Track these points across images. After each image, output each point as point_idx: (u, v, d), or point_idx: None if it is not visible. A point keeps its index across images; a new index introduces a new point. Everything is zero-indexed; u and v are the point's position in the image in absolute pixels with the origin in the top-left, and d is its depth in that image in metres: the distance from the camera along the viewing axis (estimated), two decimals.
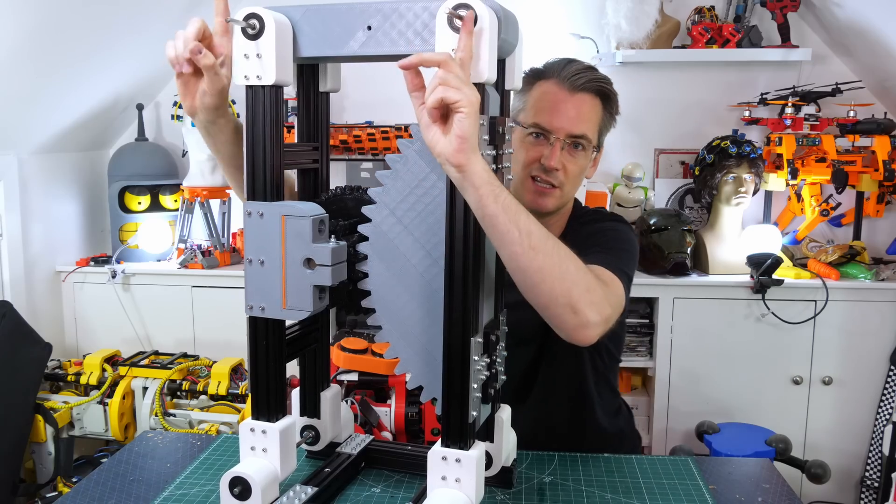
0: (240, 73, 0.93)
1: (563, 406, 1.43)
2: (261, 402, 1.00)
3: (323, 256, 0.92)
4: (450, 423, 0.93)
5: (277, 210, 0.93)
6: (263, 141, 0.94)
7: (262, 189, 0.95)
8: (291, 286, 0.93)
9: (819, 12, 2.59)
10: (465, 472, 0.91)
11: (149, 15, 2.48)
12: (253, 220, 0.94)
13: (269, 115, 0.93)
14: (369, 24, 0.91)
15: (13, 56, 2.16)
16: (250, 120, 0.94)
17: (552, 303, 0.95)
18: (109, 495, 1.16)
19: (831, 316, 2.40)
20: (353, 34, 0.92)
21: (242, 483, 0.97)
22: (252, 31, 0.90)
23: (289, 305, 0.94)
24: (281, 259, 0.93)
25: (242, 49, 0.92)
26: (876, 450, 2.45)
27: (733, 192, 2.52)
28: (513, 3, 0.96)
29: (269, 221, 0.93)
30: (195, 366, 2.42)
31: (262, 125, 0.94)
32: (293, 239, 0.92)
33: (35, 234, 2.62)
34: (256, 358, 1.00)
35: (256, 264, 0.95)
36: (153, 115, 3.02)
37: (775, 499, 1.15)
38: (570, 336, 1.00)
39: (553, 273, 0.93)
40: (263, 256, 0.94)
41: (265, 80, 0.92)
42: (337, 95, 3.00)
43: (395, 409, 2.26)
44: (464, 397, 0.91)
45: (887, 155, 2.36)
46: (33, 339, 2.38)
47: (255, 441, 1.00)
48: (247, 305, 0.97)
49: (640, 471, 1.23)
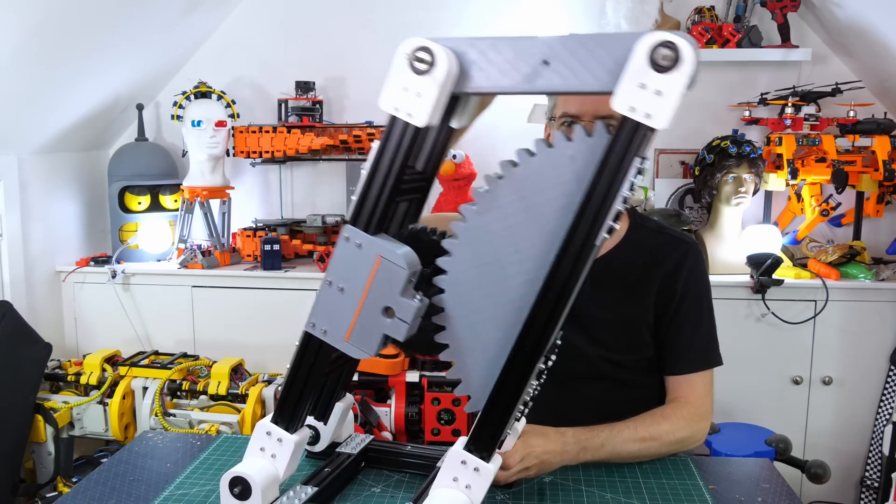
0: (391, 102, 0.87)
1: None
2: (286, 410, 1.01)
3: (406, 312, 0.88)
4: (482, 432, 0.92)
5: (376, 248, 0.89)
6: (387, 173, 0.90)
7: (367, 219, 0.91)
8: (361, 325, 0.91)
9: (819, 12, 2.59)
10: (480, 481, 0.92)
11: (149, 15, 2.48)
12: (348, 247, 0.90)
13: (401, 151, 0.90)
14: (545, 60, 0.84)
15: (13, 56, 2.16)
16: (382, 147, 0.90)
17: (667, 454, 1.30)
18: (109, 495, 1.16)
19: (831, 316, 2.40)
20: (528, 68, 0.85)
21: (242, 483, 0.97)
22: (421, 68, 0.85)
23: (352, 341, 0.92)
24: (362, 295, 0.90)
25: (404, 81, 0.86)
26: (876, 450, 2.45)
27: (733, 192, 2.52)
28: (513, 4, 0.96)
29: (364, 255, 0.89)
30: (195, 366, 2.42)
31: (391, 158, 0.90)
32: (382, 283, 0.89)
33: (35, 234, 2.62)
34: (298, 371, 1.00)
35: (335, 289, 0.92)
36: (153, 115, 3.02)
37: (775, 499, 1.15)
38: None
39: (661, 452, 1.28)
40: (345, 284, 0.91)
41: (415, 121, 0.87)
42: (337, 95, 3.02)
43: (395, 409, 2.26)
44: (506, 414, 0.91)
45: (887, 155, 2.36)
46: (33, 339, 2.38)
47: (268, 444, 1.01)
48: (309, 322, 0.95)
49: (640, 471, 1.23)
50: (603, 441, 1.22)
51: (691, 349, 1.37)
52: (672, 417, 1.30)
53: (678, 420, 1.30)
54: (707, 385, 1.37)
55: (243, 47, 2.94)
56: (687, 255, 1.39)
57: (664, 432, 1.27)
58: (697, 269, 1.40)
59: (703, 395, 1.36)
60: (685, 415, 1.31)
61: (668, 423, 1.28)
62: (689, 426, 1.30)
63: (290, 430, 1.01)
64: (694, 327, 1.38)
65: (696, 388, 1.36)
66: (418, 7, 2.86)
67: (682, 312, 1.37)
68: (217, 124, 2.70)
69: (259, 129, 2.70)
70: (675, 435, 1.28)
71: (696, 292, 1.38)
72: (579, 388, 1.39)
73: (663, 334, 1.38)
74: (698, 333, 1.38)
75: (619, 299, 1.38)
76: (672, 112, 0.79)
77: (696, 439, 1.32)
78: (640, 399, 1.37)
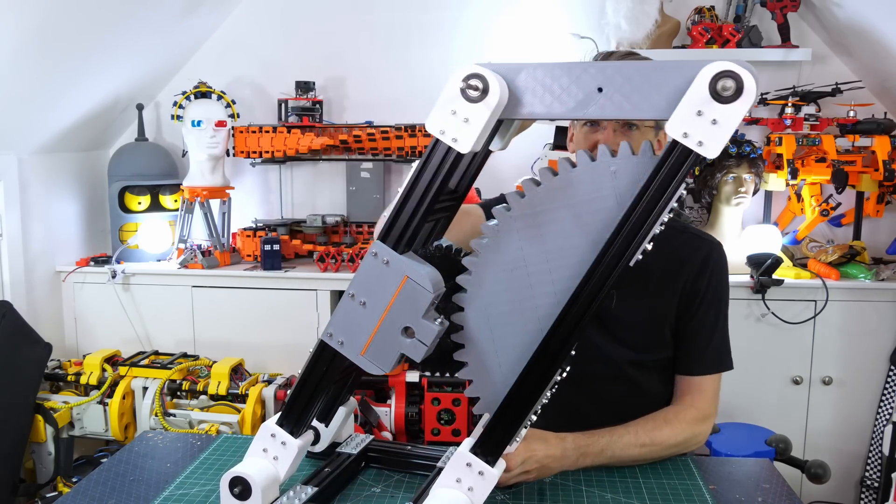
0: (438, 125, 0.86)
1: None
2: (293, 413, 1.02)
3: (426, 334, 0.89)
4: (491, 437, 0.92)
5: (403, 268, 0.89)
6: (424, 194, 0.90)
7: (398, 237, 0.91)
8: (379, 342, 0.91)
9: (819, 12, 2.59)
10: (483, 485, 0.92)
11: (149, 15, 2.48)
12: (375, 262, 0.91)
13: (441, 174, 0.89)
14: (600, 87, 0.84)
15: (14, 56, 2.16)
16: (422, 168, 0.90)
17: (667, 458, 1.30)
18: (109, 495, 1.16)
19: (831, 316, 2.40)
20: (581, 95, 0.85)
21: (242, 483, 0.97)
22: (473, 95, 0.84)
23: (368, 356, 0.93)
24: (384, 312, 0.90)
25: (454, 104, 0.85)
26: (876, 450, 2.45)
27: (733, 192, 2.52)
28: (513, 4, 0.96)
29: (390, 272, 0.90)
30: (195, 366, 2.42)
31: (429, 179, 0.90)
32: (405, 303, 0.89)
33: (35, 234, 2.62)
34: (310, 377, 1.00)
35: (357, 302, 0.92)
36: (153, 115, 3.02)
37: (775, 499, 1.15)
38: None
39: (661, 456, 1.28)
40: (367, 299, 0.91)
41: (458, 147, 0.86)
42: (337, 95, 3.02)
43: (395, 409, 2.26)
44: (518, 421, 0.91)
45: (887, 155, 2.36)
46: (33, 339, 2.38)
47: (271, 447, 1.01)
48: (326, 331, 0.95)
49: (640, 471, 1.23)
50: (603, 447, 1.22)
51: (707, 351, 1.38)
52: (674, 422, 1.30)
53: (680, 424, 1.30)
54: (715, 388, 1.38)
55: (243, 47, 2.94)
56: (710, 255, 1.39)
57: (665, 437, 1.27)
58: (721, 269, 1.41)
59: (711, 398, 1.36)
60: (688, 419, 1.31)
61: (669, 429, 1.28)
62: (691, 429, 1.31)
63: (295, 435, 1.01)
64: (711, 329, 1.38)
65: (705, 390, 1.36)
66: (418, 8, 2.86)
67: (702, 312, 1.37)
68: (217, 124, 2.70)
69: (259, 129, 2.70)
70: (676, 439, 1.28)
71: (717, 292, 1.39)
72: (599, 391, 1.39)
73: (682, 333, 1.38)
74: (714, 336, 1.38)
75: (643, 298, 1.37)
76: (725, 142, 0.79)
77: (698, 441, 1.33)
78: (655, 405, 1.36)
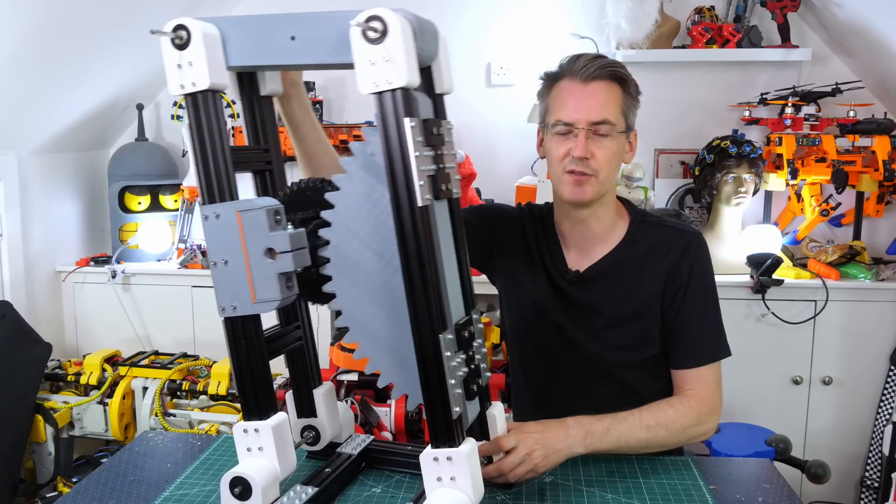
0: (175, 84, 0.94)
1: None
2: (249, 401, 1.00)
3: (282, 244, 0.94)
4: (435, 423, 0.92)
5: (232, 208, 0.95)
6: (212, 145, 0.96)
7: (217, 192, 0.96)
8: (257, 279, 0.95)
9: (819, 12, 2.59)
10: (459, 468, 0.91)
11: (149, 15, 2.48)
12: (211, 223, 0.96)
13: (212, 119, 0.95)
14: (293, 35, 0.92)
15: (14, 56, 2.16)
16: (195, 127, 0.96)
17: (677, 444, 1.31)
18: (109, 495, 1.16)
19: (831, 316, 2.40)
20: (278, 44, 0.93)
21: (243, 483, 0.97)
22: (180, 42, 0.94)
23: (258, 299, 0.96)
24: (243, 255, 0.95)
25: (175, 60, 0.94)
26: (876, 450, 2.45)
27: (733, 192, 2.52)
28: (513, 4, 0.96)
29: (226, 221, 0.95)
30: (195, 366, 2.42)
31: (206, 130, 0.95)
32: (251, 232, 0.94)
33: (35, 234, 2.62)
34: (238, 358, 1.00)
35: (221, 265, 0.97)
36: (153, 115, 3.02)
37: (775, 499, 1.15)
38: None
39: (669, 441, 1.27)
40: (226, 256, 0.96)
41: (200, 86, 0.93)
42: (337, 95, 3.02)
43: (395, 409, 2.26)
44: (443, 395, 0.91)
45: (887, 155, 2.36)
46: (33, 339, 2.38)
47: (250, 441, 1.00)
48: (219, 307, 0.98)
49: (640, 471, 1.23)
50: (608, 426, 1.21)
51: (699, 341, 1.37)
52: (677, 405, 1.30)
53: (683, 408, 1.29)
54: (715, 377, 1.37)
55: None
56: (690, 244, 1.39)
57: (670, 420, 1.26)
58: (701, 258, 1.39)
59: (713, 388, 1.35)
60: (692, 404, 1.31)
61: (673, 411, 1.28)
62: (696, 415, 1.30)
63: (263, 419, 1.00)
64: (700, 319, 1.37)
65: (704, 381, 1.35)
66: (418, 8, 2.83)
67: (687, 302, 1.36)
68: None
69: None
70: (682, 422, 1.28)
71: (700, 280, 1.37)
72: (588, 390, 1.39)
73: (670, 327, 1.37)
74: (705, 325, 1.38)
75: (625, 296, 1.37)
76: (407, 66, 0.86)
77: (705, 430, 1.32)
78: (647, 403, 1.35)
